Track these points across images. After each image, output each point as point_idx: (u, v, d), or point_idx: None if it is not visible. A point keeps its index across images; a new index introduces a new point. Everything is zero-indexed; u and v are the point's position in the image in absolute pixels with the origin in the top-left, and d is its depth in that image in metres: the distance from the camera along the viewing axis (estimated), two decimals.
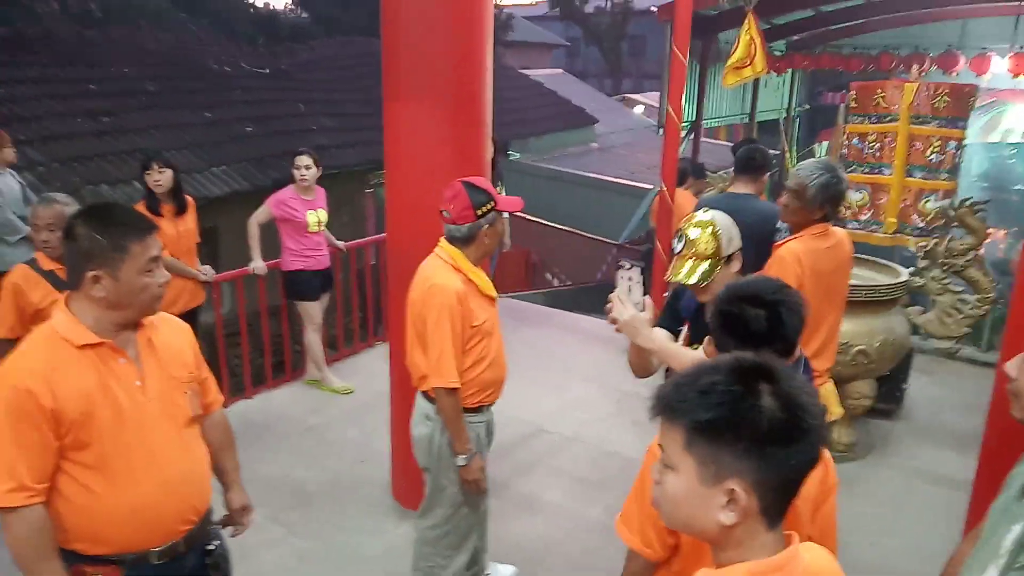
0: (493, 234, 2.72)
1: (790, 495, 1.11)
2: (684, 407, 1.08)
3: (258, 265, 5.01)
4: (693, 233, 2.35)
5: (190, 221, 4.59)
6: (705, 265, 2.31)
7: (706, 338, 1.75)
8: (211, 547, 2.07)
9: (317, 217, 5.05)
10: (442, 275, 2.67)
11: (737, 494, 1.06)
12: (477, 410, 2.82)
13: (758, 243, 3.16)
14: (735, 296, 1.70)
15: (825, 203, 3.04)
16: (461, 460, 2.74)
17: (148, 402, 1.88)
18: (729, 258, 2.36)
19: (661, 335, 2.35)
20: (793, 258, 2.98)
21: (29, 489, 1.73)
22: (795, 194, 3.03)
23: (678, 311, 2.54)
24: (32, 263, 3.27)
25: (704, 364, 1.13)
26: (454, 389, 2.67)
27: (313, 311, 5.18)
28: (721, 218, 2.40)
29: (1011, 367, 1.56)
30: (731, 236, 2.37)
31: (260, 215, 4.98)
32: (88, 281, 1.79)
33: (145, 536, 1.88)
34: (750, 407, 1.06)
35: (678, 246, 2.39)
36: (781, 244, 3.11)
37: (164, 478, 1.89)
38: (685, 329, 2.48)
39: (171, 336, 2.02)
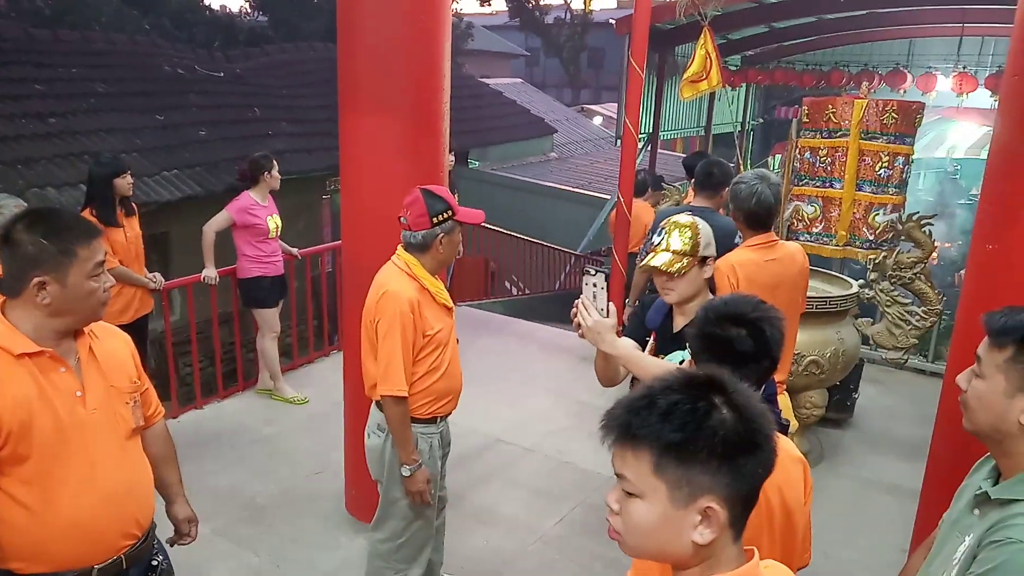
0: (449, 244, 2.69)
1: (752, 504, 1.11)
2: (648, 431, 1.06)
3: (211, 274, 4.90)
4: (674, 231, 2.37)
5: (136, 227, 4.49)
6: (682, 261, 2.32)
7: (684, 362, 1.73)
8: (155, 562, 2.01)
9: (276, 223, 5.00)
10: (396, 282, 2.64)
11: (714, 511, 1.05)
12: (431, 421, 2.79)
13: (718, 257, 3.19)
14: (715, 317, 1.67)
15: (747, 213, 3.08)
16: (406, 471, 2.70)
17: (89, 413, 1.81)
18: (704, 260, 2.37)
19: (627, 343, 2.35)
20: (727, 268, 3.02)
21: None
22: (731, 204, 3.12)
23: (644, 322, 2.55)
24: None
25: (654, 384, 1.10)
26: (402, 397, 2.63)
27: (272, 318, 5.10)
28: (704, 225, 2.43)
29: (962, 379, 1.59)
30: (709, 241, 2.41)
31: (219, 222, 4.86)
32: (32, 287, 1.73)
33: (86, 552, 1.82)
34: (717, 421, 1.05)
35: (656, 239, 2.41)
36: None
37: (106, 492, 1.83)
38: (652, 340, 2.48)
39: (113, 345, 1.97)
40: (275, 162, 5.01)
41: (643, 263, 2.40)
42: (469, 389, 2.97)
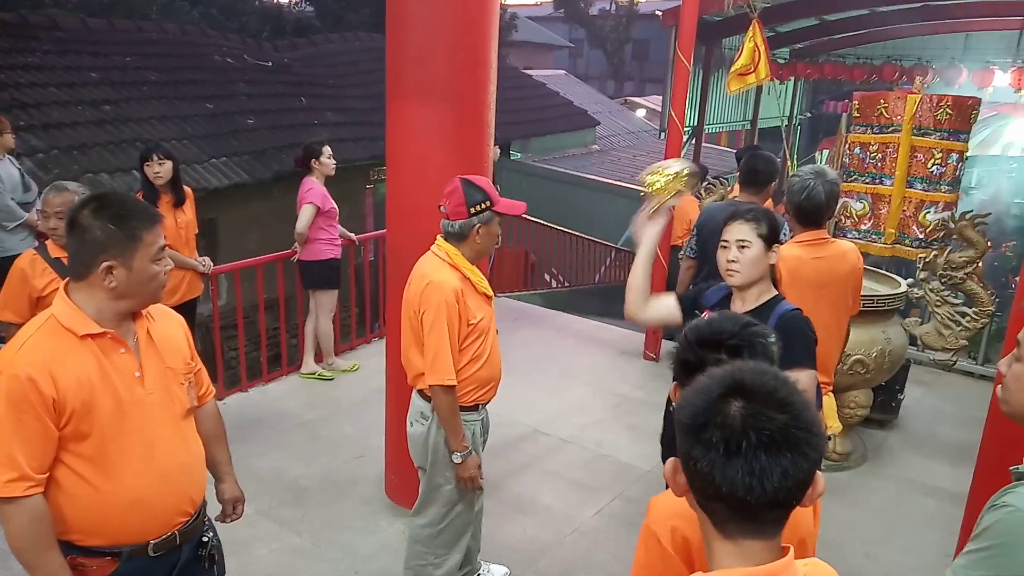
0: (487, 234, 2.70)
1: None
2: None
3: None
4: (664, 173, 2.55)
5: (189, 212, 4.58)
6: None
7: (673, 384, 1.69)
8: (205, 539, 2.07)
9: (336, 206, 5.21)
10: (439, 272, 2.66)
11: None
12: (473, 408, 2.82)
13: None
14: (694, 340, 1.61)
15: (797, 207, 3.05)
16: (457, 457, 2.73)
17: (147, 393, 1.87)
18: (771, 244, 2.42)
19: (648, 244, 2.54)
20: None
21: (29, 479, 1.72)
22: (784, 197, 3.09)
23: (699, 303, 2.54)
24: (41, 249, 3.27)
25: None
26: (451, 387, 2.66)
27: (333, 300, 5.33)
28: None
29: (1003, 364, 1.60)
30: (782, 230, 2.50)
31: (308, 217, 5.01)
32: (101, 271, 1.78)
33: (142, 528, 1.87)
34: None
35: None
36: None
37: (163, 469, 1.88)
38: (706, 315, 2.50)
39: (168, 327, 2.02)
40: (325, 149, 5.13)
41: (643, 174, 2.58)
42: (507, 379, 2.99)
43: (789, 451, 1.03)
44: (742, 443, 1.03)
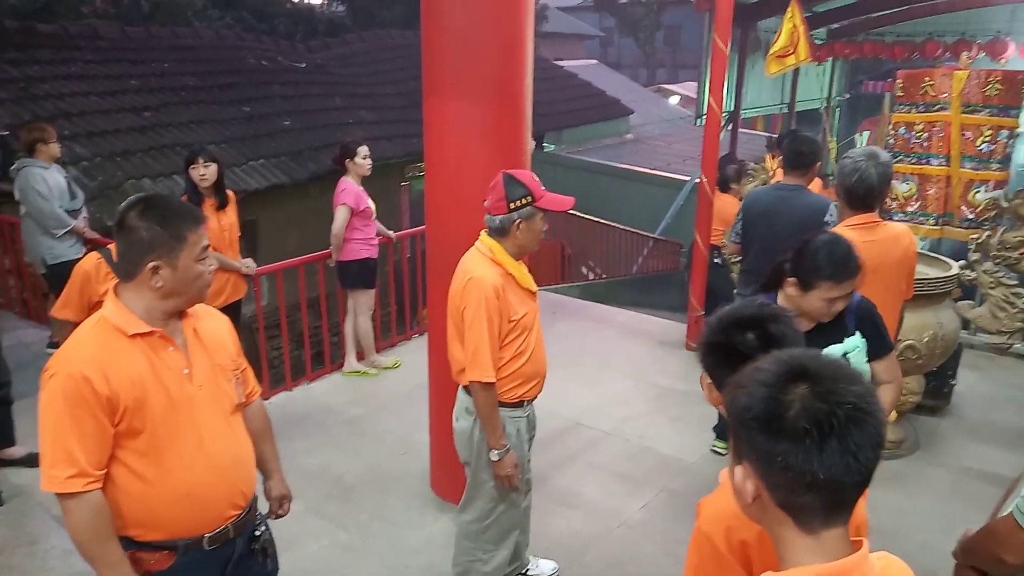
0: (528, 230, 2.66)
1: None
2: None
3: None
4: None
5: (232, 215, 4.64)
6: None
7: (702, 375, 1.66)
8: (258, 532, 2.10)
9: (373, 204, 5.20)
10: (480, 269, 2.65)
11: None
12: (517, 404, 2.80)
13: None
14: (719, 326, 1.61)
15: (848, 189, 2.98)
16: (494, 455, 2.72)
17: (196, 389, 1.90)
18: None
19: None
20: None
21: (88, 475, 1.76)
22: (835, 179, 3.04)
23: None
24: (106, 253, 3.36)
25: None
26: (490, 383, 2.65)
27: (371, 299, 5.36)
28: None
29: None
30: None
31: (343, 219, 5.05)
32: (147, 271, 1.83)
33: (197, 521, 1.91)
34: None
35: None
36: None
37: (214, 463, 1.92)
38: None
39: (214, 325, 2.06)
40: (361, 149, 5.12)
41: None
42: (548, 372, 2.97)
43: (872, 419, 1.04)
44: (833, 423, 1.01)
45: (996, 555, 1.64)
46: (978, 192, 4.65)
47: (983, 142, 4.51)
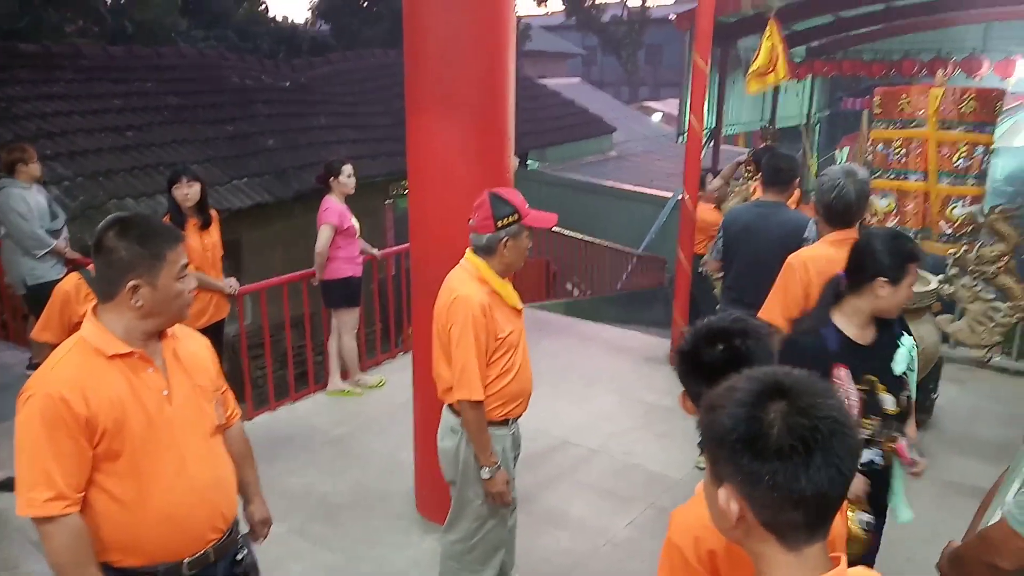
0: (515, 247, 2.67)
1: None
2: None
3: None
4: None
5: (215, 234, 4.62)
6: None
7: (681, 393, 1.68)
8: (240, 556, 2.07)
9: (356, 223, 5.18)
10: (466, 287, 2.65)
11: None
12: (503, 423, 2.80)
13: (789, 252, 3.12)
14: (693, 340, 1.63)
15: (826, 207, 3.01)
16: (486, 473, 2.71)
17: (176, 411, 1.89)
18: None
19: None
20: (799, 264, 2.97)
21: (67, 498, 1.74)
22: (814, 196, 3.08)
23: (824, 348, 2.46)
24: (86, 273, 3.33)
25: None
26: (479, 402, 2.65)
27: (355, 317, 5.32)
28: None
29: None
30: None
31: (326, 238, 5.02)
32: (127, 291, 1.81)
33: (177, 544, 1.89)
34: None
35: None
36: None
37: (194, 485, 1.90)
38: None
39: (194, 346, 2.05)
40: (345, 168, 5.11)
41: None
42: (535, 390, 2.96)
43: (850, 430, 1.05)
44: (817, 437, 1.02)
45: (990, 562, 1.66)
46: (955, 207, 4.71)
47: (959, 158, 4.58)
